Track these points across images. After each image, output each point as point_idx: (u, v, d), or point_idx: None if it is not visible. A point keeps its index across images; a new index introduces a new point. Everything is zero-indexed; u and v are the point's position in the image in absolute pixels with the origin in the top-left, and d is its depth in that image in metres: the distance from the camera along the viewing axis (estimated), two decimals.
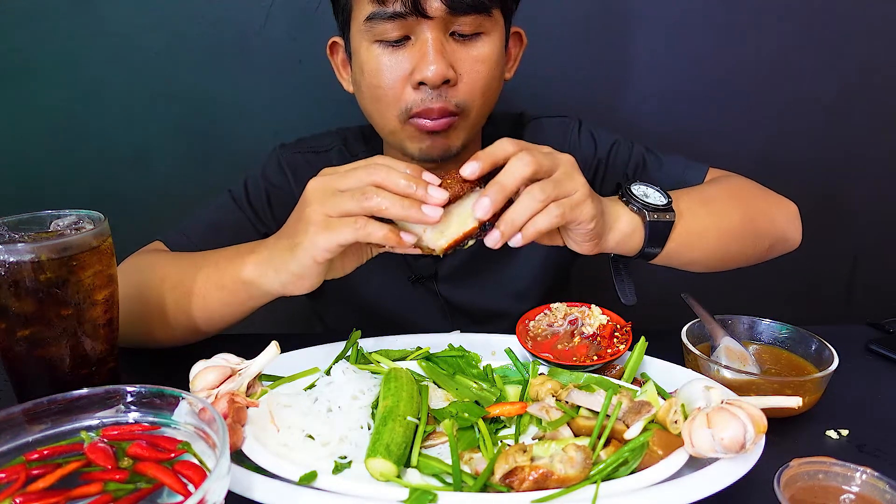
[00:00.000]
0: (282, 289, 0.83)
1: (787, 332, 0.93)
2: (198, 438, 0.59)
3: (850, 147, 1.86)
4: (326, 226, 0.75)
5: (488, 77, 0.97)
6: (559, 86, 1.67)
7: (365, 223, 0.74)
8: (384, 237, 0.75)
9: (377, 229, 0.74)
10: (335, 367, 0.80)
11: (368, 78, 0.97)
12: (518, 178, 0.76)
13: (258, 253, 0.86)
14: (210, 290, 0.90)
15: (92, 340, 0.75)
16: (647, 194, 0.92)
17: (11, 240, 0.73)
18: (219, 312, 0.92)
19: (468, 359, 0.87)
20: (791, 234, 1.10)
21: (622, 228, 0.89)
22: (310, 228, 0.76)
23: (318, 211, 0.76)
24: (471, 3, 0.91)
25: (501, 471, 0.62)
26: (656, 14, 1.69)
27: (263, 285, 0.84)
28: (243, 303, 0.90)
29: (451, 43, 0.94)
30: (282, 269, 0.81)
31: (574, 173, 0.81)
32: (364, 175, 0.75)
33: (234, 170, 1.19)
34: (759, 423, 0.63)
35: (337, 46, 1.09)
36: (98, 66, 1.62)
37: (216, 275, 0.90)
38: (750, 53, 1.74)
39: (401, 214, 0.74)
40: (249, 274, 0.85)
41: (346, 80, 1.10)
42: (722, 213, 1.01)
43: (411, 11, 0.90)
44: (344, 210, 0.75)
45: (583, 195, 0.80)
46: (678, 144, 1.81)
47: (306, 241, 0.76)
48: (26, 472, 0.55)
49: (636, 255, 0.92)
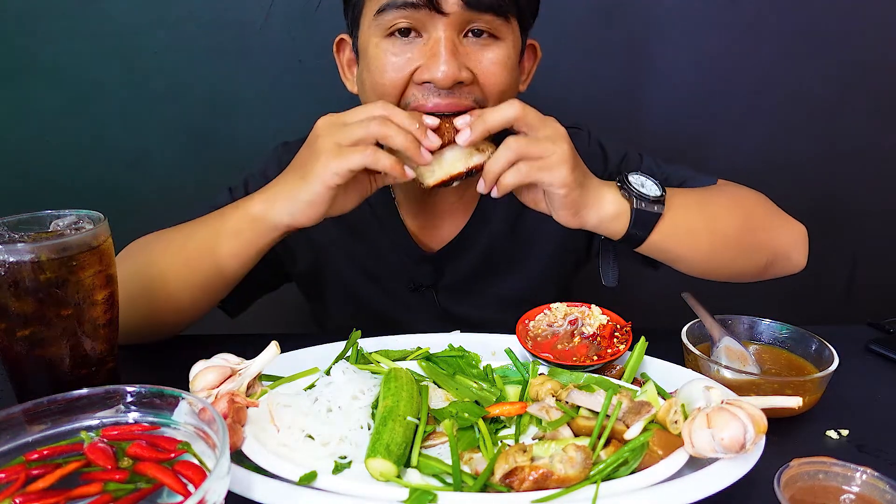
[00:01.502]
0: (290, 219, 0.88)
1: (787, 332, 0.93)
2: (198, 438, 0.59)
3: (851, 147, 1.86)
4: (338, 152, 0.82)
5: (505, 81, 0.96)
6: (560, 85, 1.67)
7: (374, 150, 0.81)
8: (391, 166, 0.82)
9: (385, 157, 0.82)
10: (335, 367, 0.80)
11: (373, 75, 0.96)
12: (500, 117, 0.83)
13: (266, 191, 0.91)
14: (218, 238, 0.92)
15: (92, 340, 0.75)
16: (643, 184, 0.93)
17: (11, 240, 0.73)
18: (228, 259, 0.92)
19: (468, 359, 0.87)
20: (795, 254, 1.07)
21: (606, 209, 0.90)
22: (321, 156, 0.83)
23: (329, 140, 0.83)
24: (489, 3, 0.90)
25: (501, 471, 0.62)
26: (657, 13, 1.69)
27: (273, 218, 0.88)
28: (251, 243, 0.91)
29: (464, 44, 0.93)
30: (292, 198, 0.86)
31: (557, 139, 0.84)
32: (373, 108, 0.84)
33: (234, 169, 1.18)
34: (759, 423, 0.63)
35: (344, 44, 1.08)
36: (98, 66, 1.62)
37: (221, 223, 0.92)
38: (749, 53, 1.74)
39: (403, 145, 0.82)
40: (258, 209, 0.89)
41: (349, 80, 1.10)
42: (718, 217, 1.00)
43: (425, 4, 0.89)
44: (354, 137, 0.82)
45: (558, 159, 0.83)
46: (678, 144, 1.81)
47: (318, 167, 0.83)
48: (26, 472, 0.55)
49: (620, 239, 0.93)
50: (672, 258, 0.99)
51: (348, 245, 1.17)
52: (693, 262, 1.00)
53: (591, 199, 0.90)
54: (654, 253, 0.97)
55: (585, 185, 0.89)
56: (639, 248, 0.95)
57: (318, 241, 1.15)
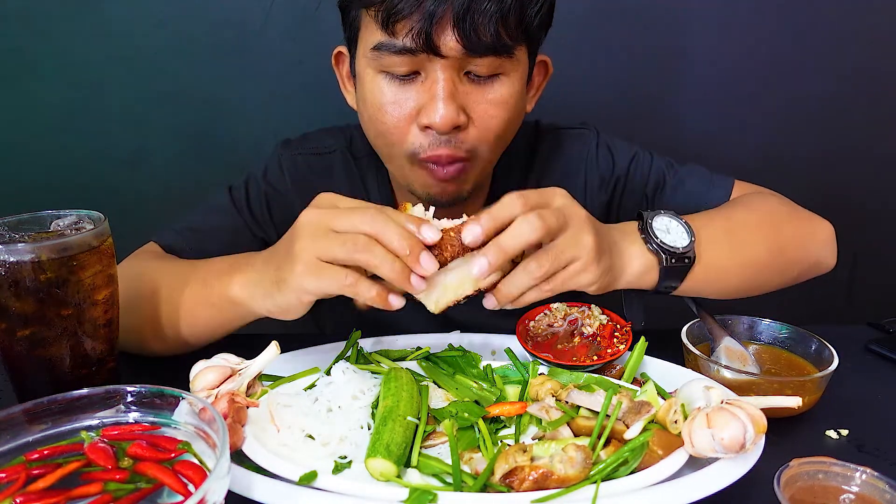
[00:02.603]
0: (268, 314, 0.80)
1: (787, 332, 0.93)
2: (198, 438, 0.59)
3: (851, 146, 1.86)
4: (315, 269, 0.70)
5: (504, 121, 0.91)
6: (567, 85, 1.67)
7: (355, 280, 0.70)
8: (372, 299, 0.71)
9: (366, 290, 0.70)
10: (335, 367, 0.80)
11: (372, 111, 0.91)
12: (522, 243, 0.72)
13: (246, 273, 0.82)
14: (198, 307, 0.88)
15: (92, 340, 0.75)
16: (669, 229, 0.87)
17: (11, 240, 0.73)
18: (207, 328, 0.89)
19: (468, 359, 0.87)
20: (825, 258, 1.03)
21: (635, 270, 0.85)
22: (296, 268, 0.71)
23: (307, 249, 0.71)
24: (490, 45, 0.83)
25: (501, 471, 0.62)
26: (659, 15, 1.69)
27: (251, 306, 0.81)
28: (231, 321, 0.87)
29: (464, 84, 0.87)
30: (267, 298, 0.78)
31: (581, 235, 0.75)
32: (361, 220, 0.70)
33: (233, 170, 1.18)
34: (758, 423, 0.63)
35: (342, 57, 1.03)
36: (98, 66, 1.62)
37: (204, 291, 0.87)
38: (750, 52, 1.74)
39: (390, 277, 0.69)
40: (237, 294, 0.82)
41: (349, 94, 1.04)
42: (747, 245, 0.95)
43: (423, 48, 0.82)
44: (334, 257, 0.70)
45: (583, 264, 0.76)
46: (680, 143, 1.81)
47: (292, 281, 0.72)
48: (26, 472, 0.55)
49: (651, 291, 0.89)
50: (704, 295, 0.95)
51: None
52: (725, 295, 0.96)
53: (617, 270, 0.83)
54: (685, 293, 0.93)
55: (613, 266, 0.82)
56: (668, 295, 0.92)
57: None
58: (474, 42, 0.82)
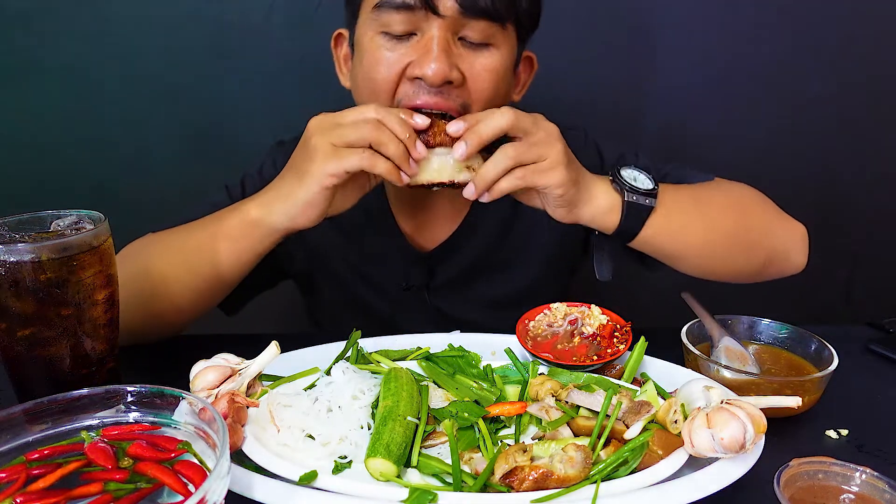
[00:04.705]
0: (289, 222, 0.88)
1: (787, 332, 0.93)
2: (198, 438, 0.59)
3: (851, 147, 1.86)
4: (334, 153, 0.82)
5: (494, 87, 0.96)
6: (557, 85, 1.67)
7: (371, 154, 0.81)
8: (387, 171, 0.83)
9: (382, 162, 0.82)
10: (335, 367, 0.80)
11: (366, 69, 0.96)
12: (494, 129, 0.83)
13: (260, 196, 0.91)
14: (216, 242, 0.92)
15: (92, 340, 0.75)
16: (636, 178, 0.93)
17: (12, 240, 0.73)
18: (227, 263, 0.93)
19: (468, 359, 0.87)
20: (794, 254, 1.06)
21: (599, 203, 0.91)
22: (316, 157, 0.82)
23: (323, 140, 0.82)
24: (485, 8, 0.89)
25: (501, 471, 0.62)
26: (657, 14, 1.69)
27: (271, 222, 0.89)
28: (249, 248, 0.92)
29: (458, 48, 0.93)
30: (289, 200, 0.86)
31: (551, 140, 0.85)
32: (366, 109, 0.83)
33: (233, 170, 1.18)
34: (758, 423, 0.63)
35: (341, 38, 1.08)
36: (98, 66, 1.62)
37: (218, 226, 0.92)
38: (750, 53, 1.74)
39: (395, 154, 0.82)
40: (255, 214, 0.89)
41: (344, 75, 1.09)
42: (712, 213, 1.00)
43: (421, 5, 0.88)
44: (348, 140, 0.82)
45: (553, 162, 0.84)
46: (677, 144, 1.81)
47: (314, 168, 0.82)
48: (26, 472, 0.55)
49: (613, 233, 0.93)
50: (666, 254, 0.99)
51: (342, 244, 1.17)
52: (688, 259, 1.00)
53: (584, 195, 0.91)
54: (648, 249, 0.97)
55: (580, 182, 0.90)
56: (632, 244, 0.95)
57: (313, 240, 1.15)
58: (471, 3, 0.89)
